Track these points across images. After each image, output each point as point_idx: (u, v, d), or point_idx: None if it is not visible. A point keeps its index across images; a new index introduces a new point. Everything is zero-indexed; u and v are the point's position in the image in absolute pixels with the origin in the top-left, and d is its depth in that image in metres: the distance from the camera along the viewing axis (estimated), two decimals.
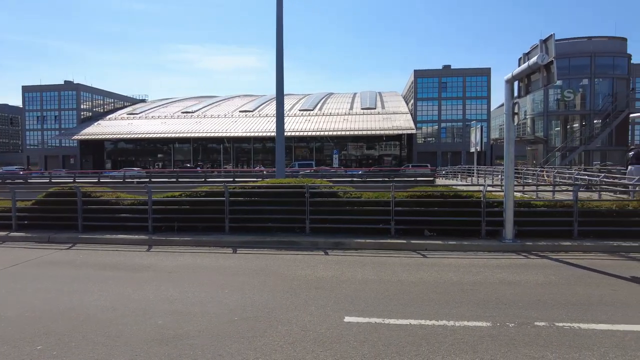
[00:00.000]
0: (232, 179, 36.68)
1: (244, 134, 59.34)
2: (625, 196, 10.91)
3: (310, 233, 8.88)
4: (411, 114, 63.24)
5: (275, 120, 13.23)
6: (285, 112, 60.50)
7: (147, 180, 38.50)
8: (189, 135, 60.54)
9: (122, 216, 9.71)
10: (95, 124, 65.93)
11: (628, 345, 3.93)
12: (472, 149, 28.85)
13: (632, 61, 31.18)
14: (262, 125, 60.50)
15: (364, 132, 59.05)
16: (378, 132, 58.88)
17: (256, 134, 59.25)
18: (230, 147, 62.85)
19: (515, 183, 19.95)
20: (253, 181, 11.32)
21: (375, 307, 4.94)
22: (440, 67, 65.37)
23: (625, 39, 30.12)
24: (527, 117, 33.76)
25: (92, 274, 6.70)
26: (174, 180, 38.27)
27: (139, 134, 61.38)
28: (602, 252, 7.62)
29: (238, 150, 64.86)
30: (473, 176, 26.70)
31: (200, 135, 60.40)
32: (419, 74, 64.05)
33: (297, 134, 58.44)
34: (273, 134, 13.68)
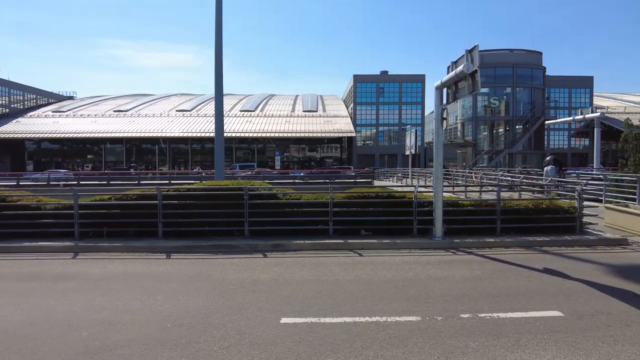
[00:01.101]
0: (167, 182, 35.23)
1: (181, 134, 57.24)
2: (541, 195, 11.99)
3: (249, 236, 8.78)
4: (351, 118, 64.67)
5: (214, 120, 12.88)
6: (225, 112, 58.99)
7: (75, 183, 35.87)
8: (121, 135, 57.22)
9: (45, 222, 8.96)
10: (14, 121, 60.13)
11: (538, 329, 4.34)
12: (408, 152, 30.14)
13: (546, 73, 34.38)
14: (201, 126, 58.75)
15: (306, 135, 59.40)
16: (320, 135, 59.54)
17: (194, 135, 57.40)
18: (166, 147, 60.32)
19: (447, 184, 21.18)
20: (189, 183, 10.98)
21: (312, 307, 5.01)
22: (378, 73, 67.58)
23: (540, 53, 33.16)
24: (458, 122, 35.97)
25: (7, 286, 6.13)
26: (105, 183, 36.04)
27: (66, 133, 56.91)
28: (520, 246, 8.31)
29: (175, 151, 62.43)
30: (408, 178, 27.88)
31: (134, 135, 57.30)
32: (358, 79, 65.73)
33: (237, 134, 57.48)
34: (212, 134, 13.37)
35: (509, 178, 16.81)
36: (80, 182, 36.78)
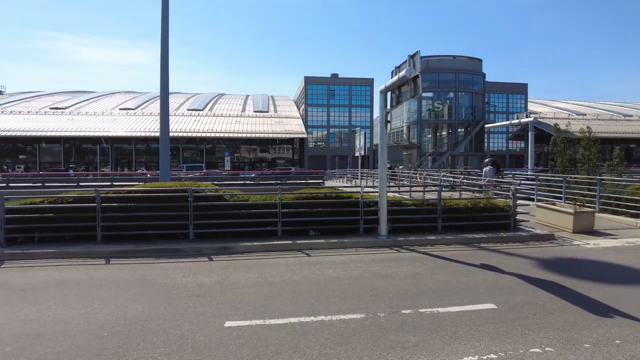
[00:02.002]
0: (109, 183, 33.45)
1: (125, 134, 54.55)
2: (479, 195, 12.67)
3: (194, 239, 8.56)
4: (302, 119, 64.85)
5: (160, 119, 12.37)
6: (171, 111, 56.85)
7: (4, 185, 33.06)
8: (59, 134, 53.50)
9: None
10: None
11: (473, 322, 4.59)
12: (357, 154, 30.78)
13: (486, 79, 36.43)
14: (146, 125, 56.35)
15: (257, 135, 58.77)
16: (271, 136, 59.13)
17: (139, 134, 54.90)
18: (108, 147, 57.26)
19: (393, 185, 21.81)
20: (131, 185, 10.51)
21: (257, 310, 4.98)
22: (329, 76, 68.35)
23: (480, 60, 35.06)
24: (404, 124, 37.18)
25: None
26: (40, 185, 33.51)
27: None
28: (460, 243, 8.74)
29: (118, 151, 59.44)
30: (358, 179, 28.42)
31: (73, 134, 53.82)
32: (309, 81, 66.11)
33: (185, 134, 55.71)
34: (157, 134, 12.84)
35: (451, 178, 17.62)
36: (10, 185, 33.98)
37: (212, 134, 57.09)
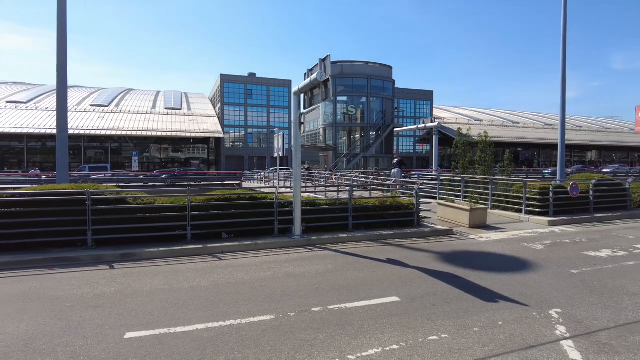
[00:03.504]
0: None
1: (14, 130, 48.38)
2: (388, 194, 13.37)
3: (93, 246, 7.85)
4: (218, 118, 63.09)
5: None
6: (72, 106, 52.03)
7: None
8: None
9: None
10: None
11: (379, 315, 4.82)
12: (276, 154, 30.75)
13: (395, 85, 38.62)
14: (41, 121, 50.57)
15: (169, 134, 55.82)
16: (184, 135, 56.54)
17: (32, 131, 49.08)
18: None
19: (310, 185, 22.13)
20: (15, 188, 9.34)
21: (162, 318, 4.72)
22: (247, 75, 67.38)
23: (390, 67, 37.06)
24: (320, 127, 37.93)
25: None
26: None
27: None
28: (369, 240, 9.14)
29: (6, 150, 52.60)
30: (276, 180, 28.37)
31: None
32: (225, 79, 64.53)
33: (88, 132, 51.02)
34: (54, 131, 11.45)
35: (363, 179, 18.38)
36: None
37: (119, 132, 53.03)
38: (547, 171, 43.90)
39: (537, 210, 12.12)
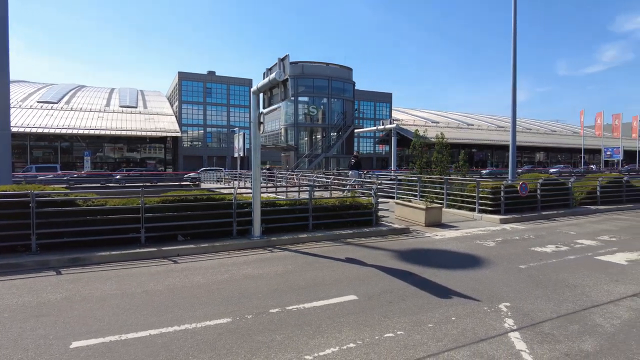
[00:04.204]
0: None
1: None
2: (348, 194, 13.51)
3: (38, 251, 7.41)
4: (176, 117, 61.39)
5: None
6: (16, 102, 48.93)
7: None
8: None
9: None
10: None
11: (337, 314, 4.85)
12: (236, 154, 30.30)
13: (355, 87, 39.17)
14: None
15: (124, 133, 53.72)
16: (140, 134, 54.60)
17: None
18: None
19: (270, 185, 21.99)
20: None
21: (112, 325, 4.52)
22: (206, 73, 65.99)
23: (351, 69, 37.56)
24: (282, 127, 37.82)
25: None
26: None
27: None
28: (329, 240, 9.19)
29: None
30: (237, 180, 27.98)
31: None
32: (183, 77, 62.91)
33: (35, 130, 48.15)
34: None
35: (324, 179, 18.49)
36: None
37: (70, 131, 50.46)
38: (484, 171, 46.00)
39: (490, 208, 12.66)
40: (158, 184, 36.47)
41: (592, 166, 70.58)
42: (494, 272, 6.73)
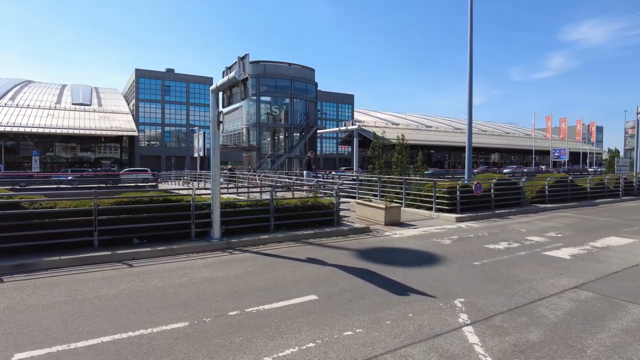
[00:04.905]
0: None
1: None
2: (310, 194, 13.54)
3: None
4: (133, 115, 59.26)
5: None
6: None
7: None
8: None
9: None
10: None
11: (296, 314, 4.85)
12: (196, 154, 29.67)
13: (318, 88, 39.30)
14: None
15: (77, 131, 51.30)
16: (94, 132, 52.32)
17: None
18: None
19: (232, 186, 21.68)
20: None
21: (60, 334, 4.29)
22: (164, 70, 64.09)
23: (313, 69, 37.65)
24: (244, 126, 37.33)
25: None
26: None
27: None
28: (290, 240, 9.17)
29: None
30: (197, 181, 27.38)
31: None
32: (141, 74, 60.84)
33: None
34: None
35: (286, 179, 18.44)
36: None
37: (15, 129, 47.55)
38: (427, 172, 47.39)
39: (446, 207, 13.09)
40: (113, 184, 35.02)
41: (542, 167, 74.59)
42: (449, 269, 6.96)
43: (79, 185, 31.88)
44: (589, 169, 65.48)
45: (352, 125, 35.13)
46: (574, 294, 5.65)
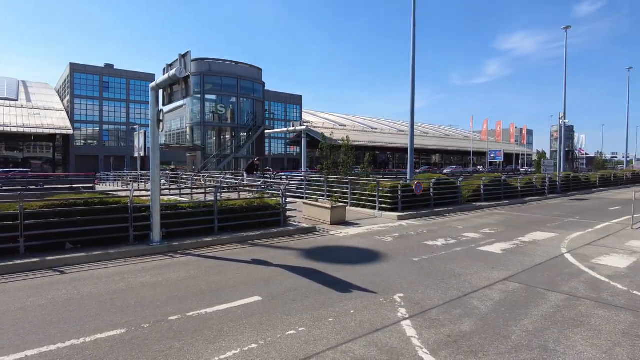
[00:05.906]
0: None
1: None
2: (256, 195, 13.43)
3: None
4: (67, 112, 55.47)
5: None
6: None
7: None
8: None
9: None
10: None
11: (240, 316, 4.81)
12: (136, 154, 28.25)
13: (266, 88, 38.99)
14: None
15: (2, 129, 47.09)
16: (22, 130, 48.34)
17: None
18: None
19: (174, 187, 20.96)
20: None
21: None
22: (102, 65, 60.59)
23: (260, 69, 37.26)
24: (187, 125, 36.16)
25: None
26: None
27: None
28: (236, 242, 9.05)
29: None
30: (137, 182, 26.19)
31: None
32: (76, 69, 57.07)
33: None
34: None
35: (233, 180, 18.14)
36: None
37: None
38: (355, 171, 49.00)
39: (389, 206, 13.52)
40: (45, 187, 32.58)
41: (479, 167, 79.06)
42: (390, 265, 7.22)
43: (3, 188, 29.31)
44: (521, 170, 70.38)
45: (301, 126, 35.13)
46: (503, 286, 6.07)
